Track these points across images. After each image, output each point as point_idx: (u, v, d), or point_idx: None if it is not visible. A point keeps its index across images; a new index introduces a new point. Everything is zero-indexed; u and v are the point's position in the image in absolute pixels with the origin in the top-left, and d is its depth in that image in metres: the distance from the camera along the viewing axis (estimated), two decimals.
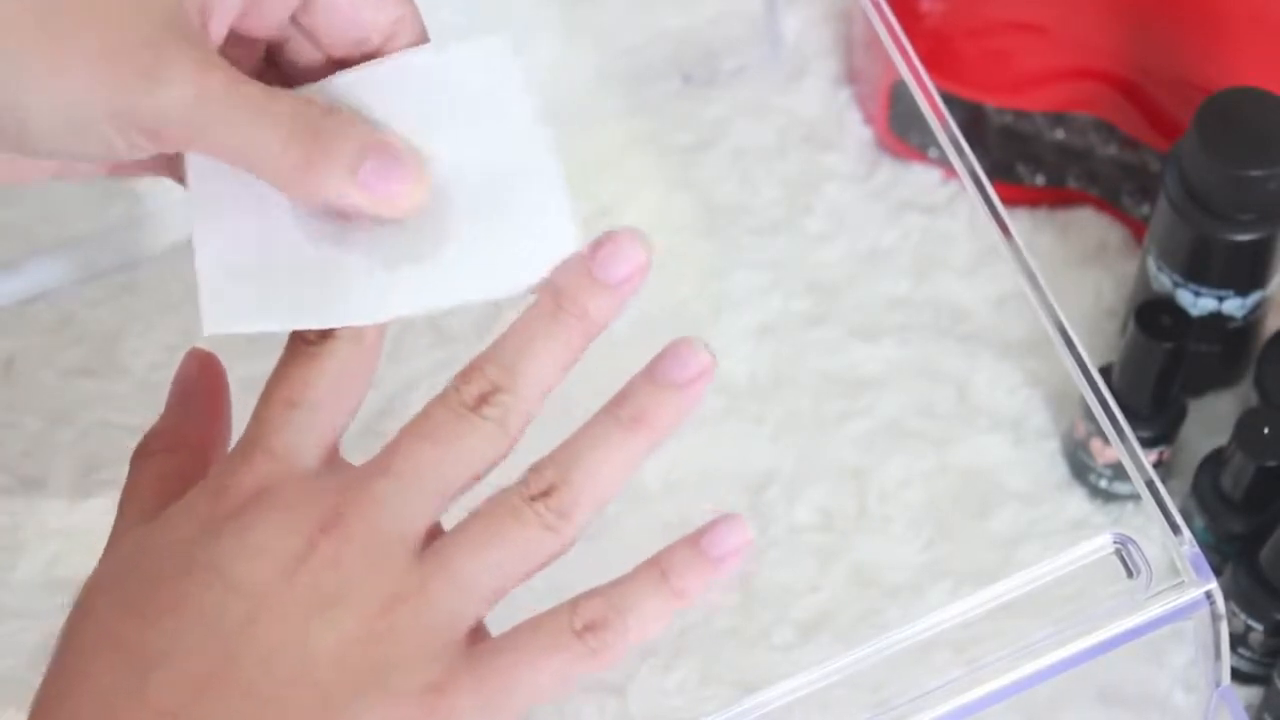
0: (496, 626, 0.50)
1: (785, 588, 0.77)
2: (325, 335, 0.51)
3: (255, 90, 0.49)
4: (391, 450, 0.49)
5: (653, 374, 0.52)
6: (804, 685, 0.56)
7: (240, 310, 0.51)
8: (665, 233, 0.85)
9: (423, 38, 0.53)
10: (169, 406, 0.54)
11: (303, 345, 0.51)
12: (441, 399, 0.50)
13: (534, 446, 0.52)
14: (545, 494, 0.49)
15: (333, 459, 0.50)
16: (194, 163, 0.52)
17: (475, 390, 0.50)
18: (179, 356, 0.81)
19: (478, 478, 0.50)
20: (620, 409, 0.51)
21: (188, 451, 0.52)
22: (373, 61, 0.53)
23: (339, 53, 0.53)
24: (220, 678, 0.46)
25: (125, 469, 0.78)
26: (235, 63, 0.50)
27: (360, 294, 0.51)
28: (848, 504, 0.79)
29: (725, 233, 0.85)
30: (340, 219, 0.51)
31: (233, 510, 0.48)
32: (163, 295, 0.83)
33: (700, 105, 0.88)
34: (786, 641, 0.76)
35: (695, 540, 0.51)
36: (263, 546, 0.47)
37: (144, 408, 0.81)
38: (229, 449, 0.52)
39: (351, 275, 0.51)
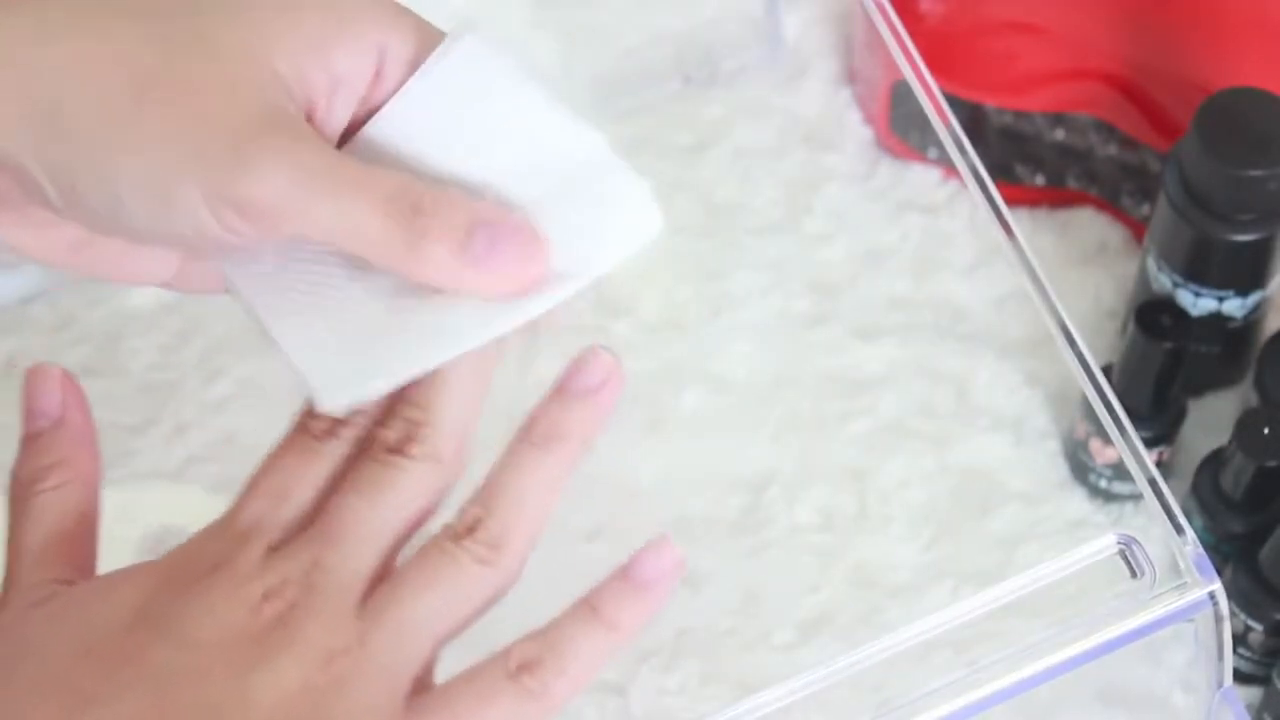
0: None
1: (785, 588, 0.77)
2: (329, 433, 0.50)
3: (352, 167, 0.49)
4: (326, 511, 0.49)
5: (559, 388, 0.52)
6: (804, 685, 0.56)
7: (349, 381, 0.50)
8: (665, 233, 0.84)
9: (418, 51, 0.52)
10: (43, 435, 0.53)
11: (307, 439, 0.50)
12: (367, 451, 0.50)
13: None
14: (471, 530, 0.49)
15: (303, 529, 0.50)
16: (232, 273, 0.51)
17: (394, 435, 0.50)
18: (179, 357, 0.82)
19: (423, 515, 0.50)
20: (532, 432, 0.51)
21: (78, 484, 0.52)
22: (385, 108, 0.51)
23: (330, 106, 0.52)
24: (160, 719, 0.46)
25: (126, 469, 0.79)
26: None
27: (456, 324, 0.50)
28: (848, 504, 0.79)
29: (725, 233, 0.85)
30: None
31: (190, 577, 0.48)
32: (163, 296, 0.83)
33: (700, 105, 0.88)
34: (786, 641, 0.76)
35: (624, 571, 0.50)
36: (213, 610, 0.47)
37: (144, 408, 0.81)
38: (103, 472, 0.52)
39: (441, 310, 0.50)
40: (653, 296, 0.83)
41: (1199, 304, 0.75)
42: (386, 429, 0.50)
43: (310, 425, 0.51)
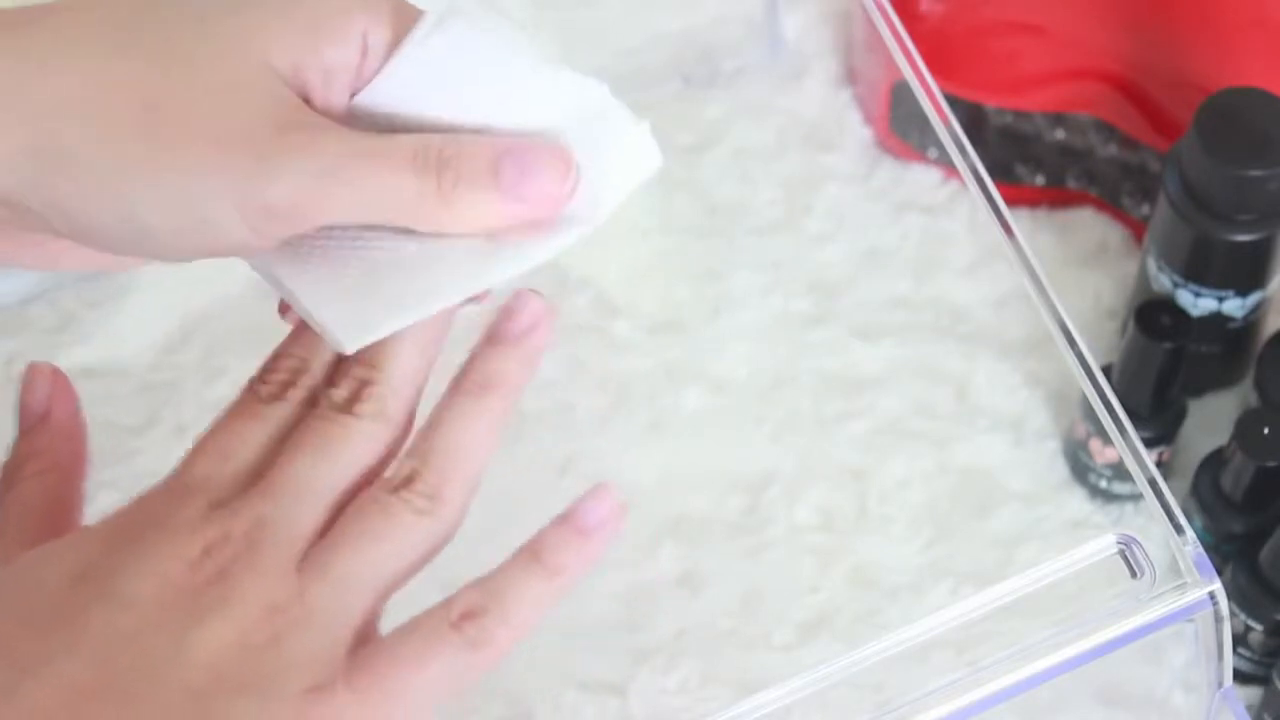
0: None
1: (785, 588, 0.77)
2: (275, 396, 0.50)
3: (369, 142, 0.49)
4: (271, 469, 0.49)
5: (490, 335, 0.51)
6: (804, 685, 0.56)
7: (367, 319, 0.50)
8: (665, 233, 0.85)
9: (395, 32, 0.51)
10: (28, 428, 0.54)
11: (254, 402, 0.51)
12: (315, 409, 0.50)
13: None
14: (409, 481, 0.49)
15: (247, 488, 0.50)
16: None
17: (343, 392, 0.50)
18: (179, 358, 0.82)
19: (369, 473, 0.50)
20: (465, 381, 0.51)
21: (57, 474, 0.53)
22: (378, 77, 0.51)
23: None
24: (96, 684, 0.46)
25: (125, 469, 0.79)
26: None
27: (470, 265, 0.50)
28: (848, 504, 0.79)
29: (725, 233, 0.85)
30: None
31: (131, 536, 0.48)
32: (163, 295, 0.83)
33: (700, 106, 0.88)
34: (786, 641, 0.76)
35: (565, 517, 0.50)
36: (153, 567, 0.47)
37: (144, 408, 0.81)
38: (88, 465, 0.53)
39: (455, 251, 0.50)
40: (652, 296, 0.83)
41: (1199, 304, 0.75)
42: (335, 387, 0.50)
43: (258, 389, 0.51)
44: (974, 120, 0.83)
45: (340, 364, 0.51)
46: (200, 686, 0.46)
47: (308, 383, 0.51)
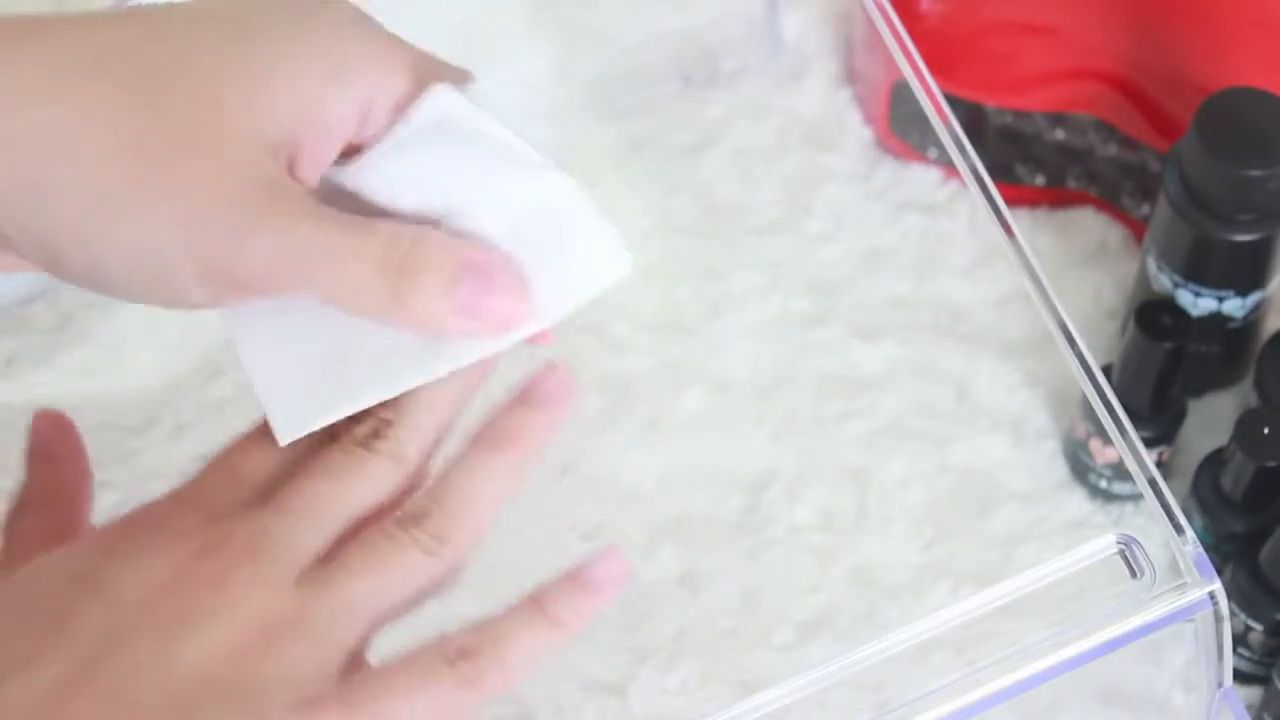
0: None
1: (785, 588, 0.77)
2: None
3: (342, 230, 0.49)
4: (283, 487, 0.50)
5: (520, 397, 0.52)
6: (804, 685, 0.56)
7: (308, 410, 0.51)
8: (665, 233, 0.85)
9: (409, 89, 0.52)
10: (34, 469, 0.54)
11: (273, 434, 0.51)
12: (334, 440, 0.51)
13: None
14: (418, 520, 0.50)
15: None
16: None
17: (365, 429, 0.51)
18: (179, 357, 0.82)
19: (375, 509, 0.50)
20: (485, 434, 0.52)
21: (55, 512, 0.53)
22: (367, 155, 0.52)
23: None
24: (79, 684, 0.46)
25: (126, 469, 0.79)
26: None
27: (418, 355, 0.51)
28: (848, 504, 0.79)
29: (725, 233, 0.85)
30: None
31: (126, 536, 0.49)
32: None
33: (700, 106, 0.88)
34: (786, 641, 0.76)
35: (573, 574, 0.51)
36: (148, 567, 0.48)
37: (144, 409, 0.81)
38: (93, 501, 0.54)
39: (409, 338, 0.51)
40: (653, 296, 0.83)
41: (1199, 304, 0.75)
42: (358, 424, 0.51)
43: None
44: (974, 120, 0.83)
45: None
46: (185, 694, 0.46)
47: (331, 428, 0.51)
